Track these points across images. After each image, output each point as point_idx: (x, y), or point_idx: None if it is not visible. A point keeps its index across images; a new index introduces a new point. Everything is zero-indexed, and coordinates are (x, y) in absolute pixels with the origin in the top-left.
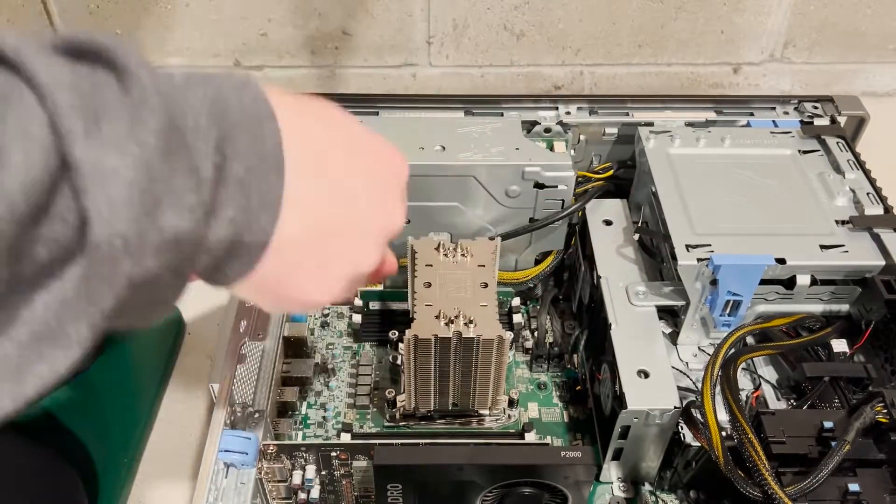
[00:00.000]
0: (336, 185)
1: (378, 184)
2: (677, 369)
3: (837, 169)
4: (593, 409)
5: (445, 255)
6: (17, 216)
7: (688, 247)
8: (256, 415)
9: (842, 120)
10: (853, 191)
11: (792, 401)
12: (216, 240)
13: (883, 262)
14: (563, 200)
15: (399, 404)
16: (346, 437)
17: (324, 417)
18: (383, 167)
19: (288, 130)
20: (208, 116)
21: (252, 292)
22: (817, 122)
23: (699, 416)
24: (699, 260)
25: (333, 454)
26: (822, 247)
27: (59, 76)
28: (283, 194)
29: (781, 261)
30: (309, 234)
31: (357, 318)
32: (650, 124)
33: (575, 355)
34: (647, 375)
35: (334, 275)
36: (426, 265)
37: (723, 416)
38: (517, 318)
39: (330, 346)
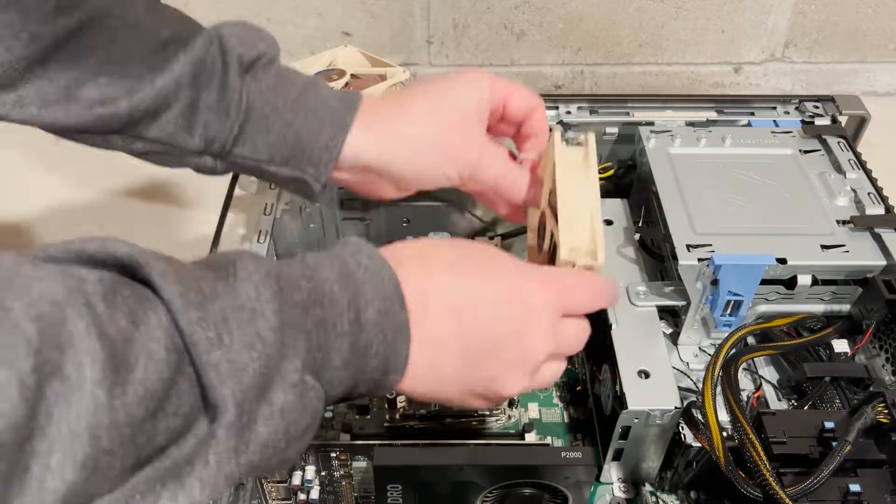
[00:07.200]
0: (453, 312)
1: (501, 317)
2: (678, 369)
3: (838, 169)
4: (594, 410)
5: None
6: (135, 419)
7: (688, 247)
8: None
9: (843, 119)
10: (854, 190)
11: (793, 401)
12: (371, 369)
13: (884, 262)
14: None
15: (399, 404)
16: (345, 438)
17: (324, 417)
18: (510, 302)
19: (398, 271)
20: (339, 283)
21: (409, 391)
22: (818, 121)
23: (700, 417)
24: (700, 260)
25: (333, 454)
26: (823, 247)
27: (184, 292)
28: (408, 319)
29: (782, 261)
30: (434, 350)
31: None
32: (651, 124)
33: (575, 355)
34: (647, 376)
35: (473, 390)
36: None
37: (724, 417)
38: None
39: None
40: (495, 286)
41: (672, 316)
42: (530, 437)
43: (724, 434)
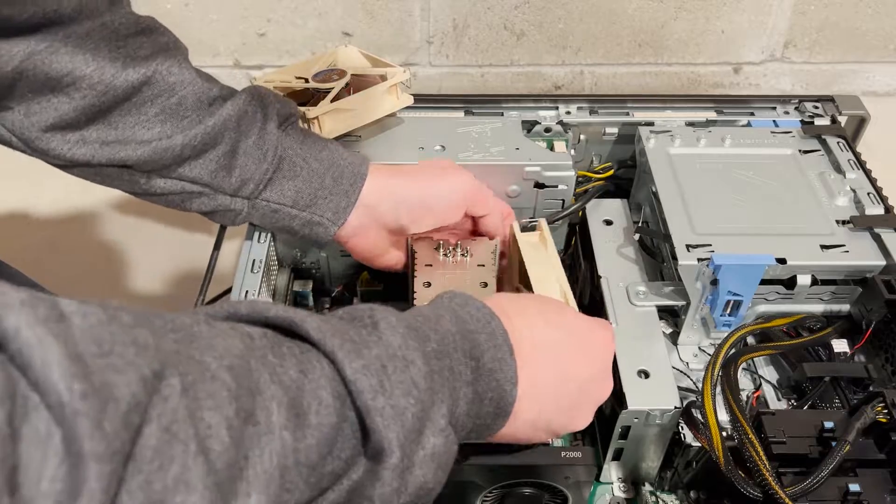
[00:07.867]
0: (549, 355)
1: (585, 359)
2: (678, 369)
3: (838, 169)
4: None
5: (445, 255)
6: (312, 462)
7: (688, 247)
8: None
9: (842, 120)
10: (854, 190)
11: (792, 401)
12: (485, 414)
13: (883, 262)
14: (563, 200)
15: None
16: None
17: None
18: (589, 346)
19: (505, 321)
20: (459, 334)
21: (505, 435)
22: (818, 121)
23: (699, 417)
24: (700, 260)
25: None
26: (823, 247)
27: (342, 344)
28: (517, 366)
29: (782, 261)
30: (535, 392)
31: None
32: (650, 124)
33: None
34: (647, 375)
35: (551, 427)
36: (426, 265)
37: (723, 417)
38: None
39: None
40: (581, 335)
41: (672, 316)
42: None
43: (724, 434)
